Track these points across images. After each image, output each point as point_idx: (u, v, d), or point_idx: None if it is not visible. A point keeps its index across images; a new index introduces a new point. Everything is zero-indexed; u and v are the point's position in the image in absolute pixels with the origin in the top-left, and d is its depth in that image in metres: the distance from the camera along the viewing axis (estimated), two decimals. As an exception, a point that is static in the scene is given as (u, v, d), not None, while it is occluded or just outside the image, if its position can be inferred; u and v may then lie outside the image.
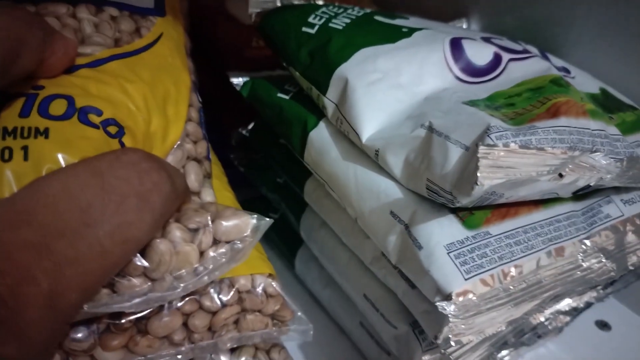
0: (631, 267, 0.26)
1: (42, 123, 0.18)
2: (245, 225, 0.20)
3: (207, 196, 0.25)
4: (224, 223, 0.19)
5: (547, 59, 0.29)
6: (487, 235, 0.21)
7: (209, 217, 0.19)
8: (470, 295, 0.19)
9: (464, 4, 0.41)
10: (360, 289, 0.26)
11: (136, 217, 0.15)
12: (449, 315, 0.18)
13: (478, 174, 0.17)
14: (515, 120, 0.20)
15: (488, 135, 0.18)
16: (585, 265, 0.24)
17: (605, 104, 0.28)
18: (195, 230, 0.19)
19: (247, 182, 0.35)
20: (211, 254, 0.19)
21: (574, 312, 0.29)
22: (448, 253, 0.20)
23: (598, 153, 0.21)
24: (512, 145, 0.18)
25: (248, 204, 0.36)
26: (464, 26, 0.39)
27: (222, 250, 0.19)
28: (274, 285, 0.23)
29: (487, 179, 0.17)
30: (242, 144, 0.34)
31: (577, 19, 0.35)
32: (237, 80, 0.31)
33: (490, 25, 0.39)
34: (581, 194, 0.25)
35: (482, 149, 0.17)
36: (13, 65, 0.17)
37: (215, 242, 0.19)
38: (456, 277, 0.19)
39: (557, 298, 0.24)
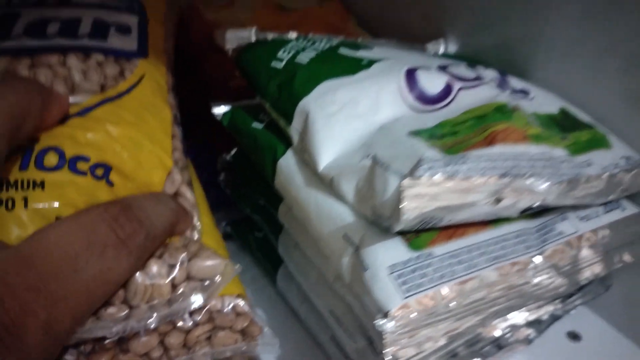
0: (584, 282, 0.27)
1: (38, 175, 0.22)
2: (218, 268, 0.23)
3: (194, 218, 0.27)
4: (199, 263, 0.23)
5: (505, 82, 0.30)
6: (430, 256, 0.23)
7: (187, 256, 0.22)
8: (409, 313, 0.21)
9: (442, 25, 0.42)
10: (328, 305, 0.28)
11: (115, 264, 0.19)
12: (387, 332, 0.20)
13: (402, 205, 0.19)
14: (452, 149, 0.22)
15: (419, 167, 0.20)
16: (534, 281, 0.25)
17: (563, 124, 0.29)
18: (172, 266, 0.22)
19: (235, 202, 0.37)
20: (182, 289, 0.22)
21: (537, 324, 0.30)
22: (390, 274, 0.22)
23: (534, 177, 0.23)
24: (437, 176, 0.20)
25: (235, 225, 0.38)
26: (441, 47, 0.41)
27: (194, 286, 0.22)
28: (243, 305, 0.26)
29: (412, 210, 0.19)
30: (228, 168, 0.37)
31: (545, 37, 0.36)
32: (218, 111, 0.33)
33: (465, 45, 0.41)
34: (537, 212, 0.27)
35: (405, 182, 0.19)
36: (19, 133, 0.21)
37: (189, 278, 0.22)
38: (395, 296, 0.21)
39: (507, 312, 0.26)
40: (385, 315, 0.21)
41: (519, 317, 0.27)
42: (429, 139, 0.23)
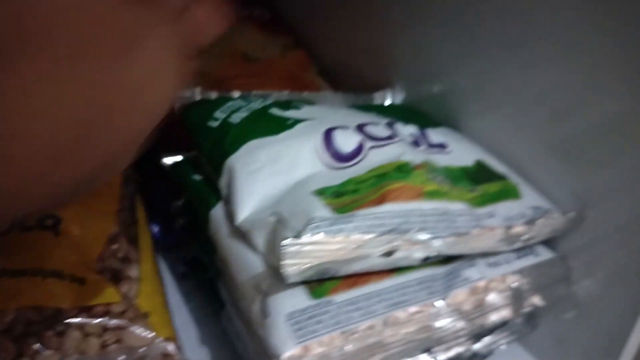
0: (490, 325, 0.29)
1: None
2: (144, 340, 0.26)
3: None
4: (130, 331, 0.26)
5: (423, 137, 0.33)
6: (328, 304, 0.25)
7: (122, 323, 0.26)
8: (300, 357, 0.23)
9: (390, 75, 0.45)
10: (254, 347, 0.30)
11: None
12: (278, 375, 0.22)
13: (283, 262, 0.21)
14: (345, 208, 0.25)
15: (306, 226, 0.23)
16: (437, 325, 0.27)
17: (475, 177, 0.32)
18: (106, 329, 0.26)
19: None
20: (111, 350, 0.26)
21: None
22: (287, 320, 0.24)
23: (424, 231, 0.25)
24: (318, 235, 0.22)
25: (191, 264, 0.41)
26: (388, 96, 0.44)
27: (121, 350, 0.26)
28: (171, 348, 0.28)
29: (292, 266, 0.22)
30: (182, 212, 0.39)
31: (479, 87, 0.39)
32: (167, 162, 0.36)
33: (410, 94, 0.44)
34: (448, 258, 0.29)
35: (286, 241, 0.22)
36: None
37: (118, 342, 0.26)
38: (288, 342, 0.23)
39: (412, 353, 0.28)
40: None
41: (426, 358, 0.29)
42: (328, 197, 0.26)
